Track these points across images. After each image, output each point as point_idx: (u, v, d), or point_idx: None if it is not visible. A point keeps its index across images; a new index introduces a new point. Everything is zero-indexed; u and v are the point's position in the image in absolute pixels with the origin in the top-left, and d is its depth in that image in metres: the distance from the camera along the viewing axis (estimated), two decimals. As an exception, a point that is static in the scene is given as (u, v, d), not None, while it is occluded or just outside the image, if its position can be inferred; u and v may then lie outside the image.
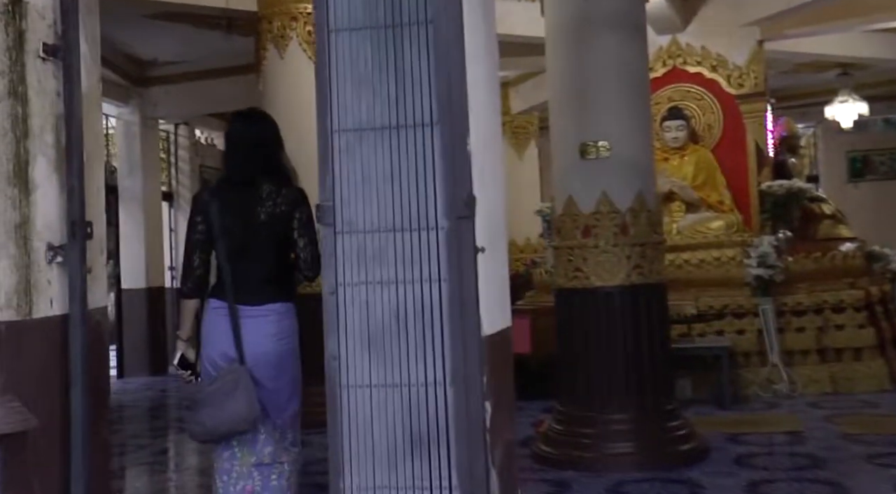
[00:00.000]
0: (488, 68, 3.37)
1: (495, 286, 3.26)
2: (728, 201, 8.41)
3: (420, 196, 3.04)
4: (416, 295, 3.02)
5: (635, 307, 5.49)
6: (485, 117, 3.27)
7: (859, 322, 7.58)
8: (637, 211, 5.53)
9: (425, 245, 3.03)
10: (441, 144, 3.02)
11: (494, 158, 3.37)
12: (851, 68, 12.20)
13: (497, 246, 3.31)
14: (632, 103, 5.64)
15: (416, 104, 3.06)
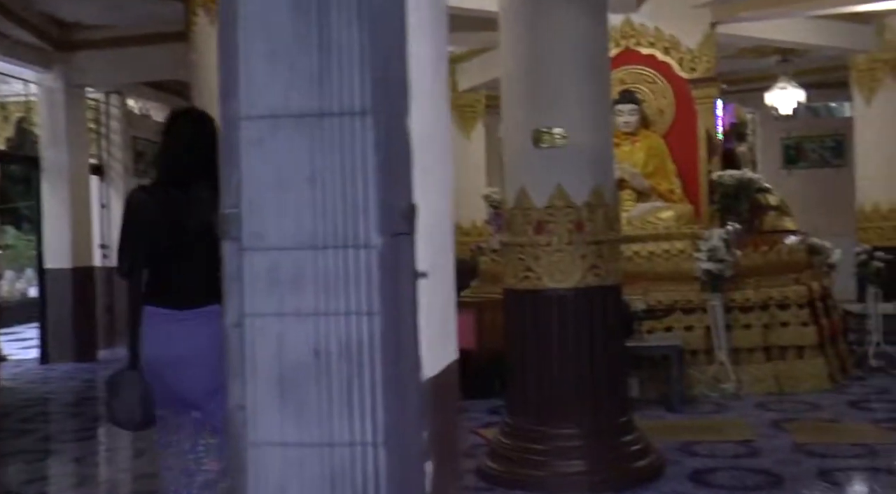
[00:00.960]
0: (436, 45, 2.59)
1: (440, 316, 2.51)
2: (679, 191, 7.78)
3: (348, 204, 2.25)
4: (342, 331, 2.26)
5: (590, 311, 4.81)
6: (431, 105, 2.50)
7: (803, 319, 7.04)
8: (594, 206, 4.82)
9: (353, 267, 2.25)
10: (375, 138, 2.24)
11: (442, 156, 2.60)
12: (791, 55, 11.68)
13: (443, 266, 2.55)
14: (591, 87, 4.91)
15: (344, 86, 2.27)
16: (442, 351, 2.57)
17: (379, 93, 2.24)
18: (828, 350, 7.26)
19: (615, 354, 4.91)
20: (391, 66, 2.26)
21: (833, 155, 14.43)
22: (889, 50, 10.12)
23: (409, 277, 2.25)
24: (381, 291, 2.22)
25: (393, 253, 2.23)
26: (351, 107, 2.26)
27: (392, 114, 2.26)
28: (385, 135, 2.24)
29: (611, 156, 5.07)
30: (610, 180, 4.98)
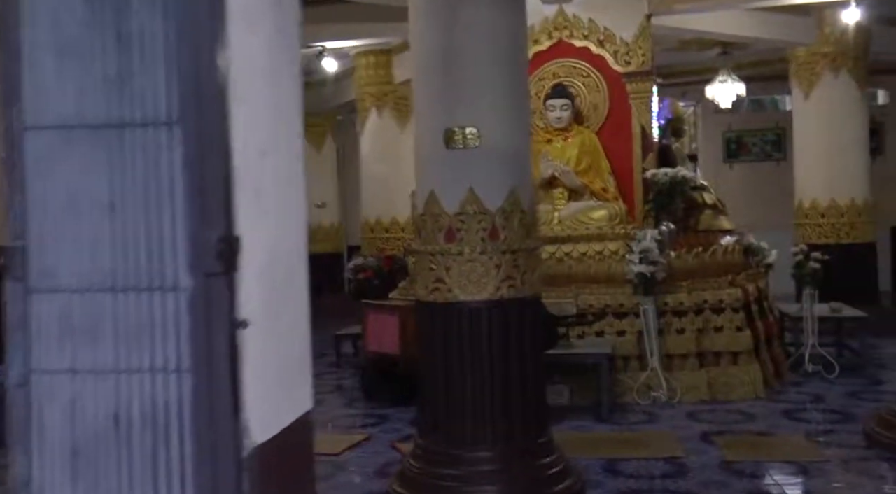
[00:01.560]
0: (278, 37, 2.14)
1: (280, 366, 2.08)
2: (612, 189, 7.43)
3: (152, 237, 1.82)
4: (146, 392, 1.82)
5: (506, 326, 4.41)
6: (268, 111, 2.06)
7: (737, 323, 6.74)
8: (509, 212, 4.42)
9: (159, 314, 1.82)
10: (185, 155, 1.80)
11: (287, 174, 2.16)
12: (731, 47, 11.41)
13: (286, 307, 2.12)
14: (507, 83, 4.50)
15: (147, 90, 1.83)
16: (285, 406, 2.14)
17: (190, 99, 1.81)
18: (763, 354, 6.98)
19: (534, 371, 4.52)
20: (205, 63, 1.82)
21: (774, 148, 14.26)
22: (827, 43, 9.89)
23: (226, 326, 1.82)
24: (193, 344, 1.80)
25: (206, 298, 1.80)
26: (156, 116, 1.82)
27: (207, 123, 1.82)
28: (198, 151, 1.81)
29: (528, 157, 4.66)
30: (527, 183, 4.58)
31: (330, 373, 8.54)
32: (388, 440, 5.82)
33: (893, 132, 13.92)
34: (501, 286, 4.38)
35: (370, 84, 11.34)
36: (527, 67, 4.77)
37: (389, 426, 6.22)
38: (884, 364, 7.84)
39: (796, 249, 7.58)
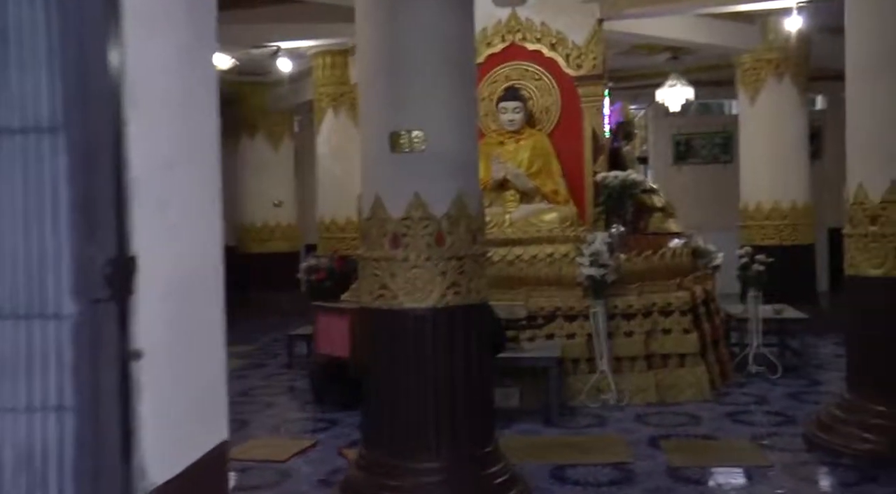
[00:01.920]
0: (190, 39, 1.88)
1: (187, 399, 1.82)
2: (564, 191, 7.24)
3: (32, 257, 1.56)
4: (21, 434, 1.56)
5: (451, 333, 4.18)
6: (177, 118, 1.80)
7: (685, 326, 6.59)
8: (455, 217, 4.19)
9: (39, 345, 1.56)
10: (70, 165, 1.54)
11: (198, 184, 1.90)
12: (680, 53, 11.32)
13: (197, 330, 1.86)
14: (454, 86, 4.26)
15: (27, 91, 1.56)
16: (194, 440, 1.88)
17: (76, 102, 1.54)
18: (709, 356, 6.85)
19: (481, 379, 4.30)
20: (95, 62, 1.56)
21: (721, 151, 14.23)
22: (772, 49, 9.83)
23: (116, 358, 1.56)
24: (76, 378, 1.53)
25: (93, 326, 1.53)
26: (36, 121, 1.56)
27: (96, 130, 1.56)
28: (84, 161, 1.54)
29: (476, 161, 4.43)
30: (474, 188, 4.35)
31: (282, 375, 8.26)
32: (336, 445, 5.56)
33: (831, 137, 13.95)
34: (447, 293, 4.15)
35: (327, 84, 11.04)
36: (474, 70, 4.54)
37: (338, 431, 5.97)
38: (822, 364, 7.77)
39: (742, 252, 7.46)
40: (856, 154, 5.00)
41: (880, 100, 4.77)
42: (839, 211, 13.71)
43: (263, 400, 7.12)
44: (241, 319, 12.89)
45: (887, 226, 4.72)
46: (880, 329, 4.83)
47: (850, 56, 5.00)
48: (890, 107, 4.73)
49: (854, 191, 4.94)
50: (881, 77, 4.75)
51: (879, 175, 4.78)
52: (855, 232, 4.93)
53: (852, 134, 5.02)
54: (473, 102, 4.47)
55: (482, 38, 7.58)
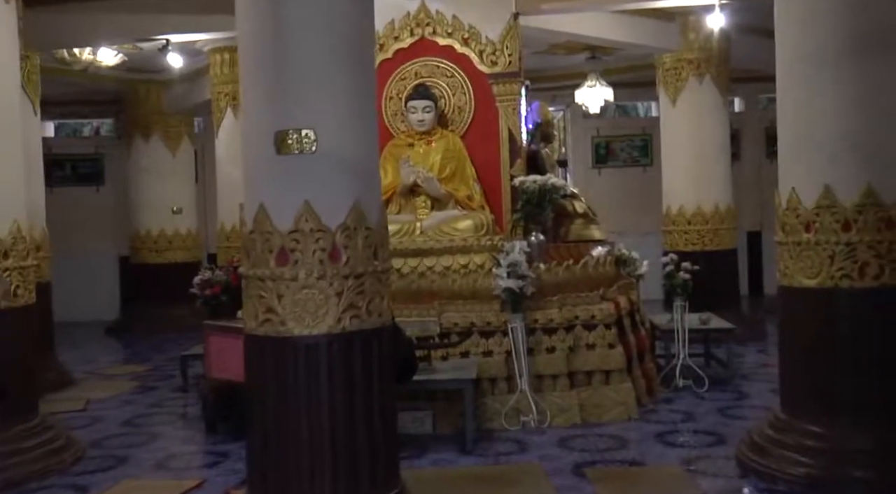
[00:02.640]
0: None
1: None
2: (478, 197, 6.83)
3: None
4: None
5: (349, 363, 3.70)
6: None
7: (609, 340, 6.25)
8: (353, 229, 3.72)
9: None
10: None
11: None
12: (599, 52, 11.10)
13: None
14: (350, 80, 3.80)
15: None
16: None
17: None
18: (635, 370, 6.53)
19: (383, 415, 3.84)
20: None
21: (641, 154, 14.13)
22: (692, 49, 9.67)
23: None
24: None
25: None
26: None
27: None
28: None
29: (376, 164, 3.97)
30: (375, 194, 3.89)
31: (174, 400, 7.61)
32: (224, 485, 5.00)
33: (749, 139, 14.03)
34: (343, 317, 3.67)
35: (225, 82, 10.39)
36: (374, 63, 4.08)
37: (230, 465, 5.40)
38: (748, 374, 7.57)
39: (666, 259, 7.19)
40: (787, 157, 4.73)
41: (813, 99, 4.51)
42: (758, 214, 13.96)
43: (149, 431, 6.48)
44: (136, 336, 12.14)
45: (822, 233, 4.46)
46: (815, 343, 4.57)
47: (781, 52, 4.74)
48: (823, 106, 4.47)
49: (786, 196, 4.67)
50: (814, 74, 4.49)
51: (812, 179, 4.52)
52: (788, 240, 4.66)
53: (784, 135, 4.75)
54: (372, 98, 4.00)
55: (389, 31, 7.13)
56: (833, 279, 4.43)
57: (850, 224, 4.38)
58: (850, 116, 4.38)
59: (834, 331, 4.47)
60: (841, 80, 4.39)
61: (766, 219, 13.62)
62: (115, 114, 13.73)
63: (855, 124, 4.37)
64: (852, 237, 4.37)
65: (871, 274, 4.34)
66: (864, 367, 4.39)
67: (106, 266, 13.90)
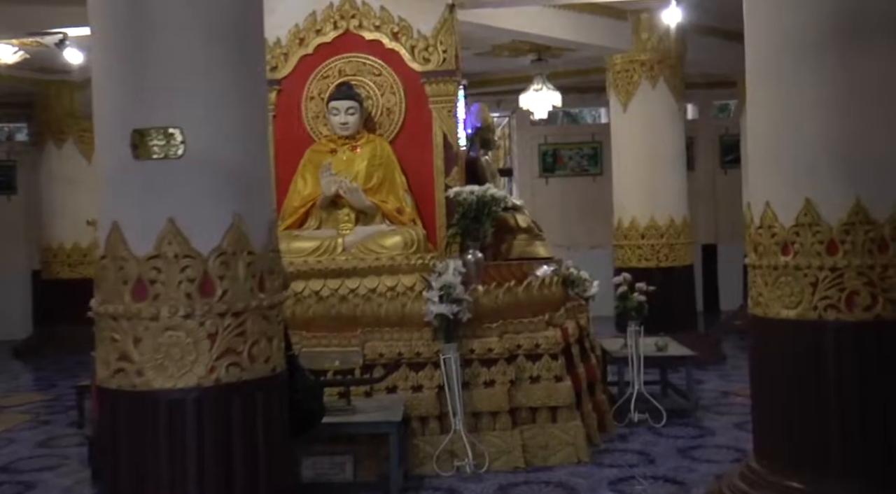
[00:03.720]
0: None
1: None
2: (409, 210, 6.09)
3: None
4: None
5: (224, 424, 2.92)
6: None
7: (556, 372, 5.54)
8: (231, 254, 2.95)
9: None
10: None
11: None
12: (546, 54, 10.47)
13: None
14: (231, 68, 3.04)
15: None
16: None
17: None
18: (585, 405, 5.85)
19: (272, 482, 3.05)
20: None
21: (590, 163, 13.55)
22: (645, 50, 9.07)
23: None
24: None
25: None
26: None
27: None
28: None
29: (265, 170, 3.20)
30: (261, 212, 3.13)
31: (67, 437, 6.72)
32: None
33: (703, 148, 13.55)
34: (218, 365, 2.90)
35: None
36: (262, 47, 3.31)
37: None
38: (710, 405, 6.93)
39: (619, 279, 6.53)
40: (760, 167, 4.09)
41: (790, 96, 3.87)
42: (713, 226, 13.46)
43: (25, 479, 5.60)
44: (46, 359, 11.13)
45: (802, 256, 3.81)
46: (795, 384, 3.91)
47: (752, 41, 4.09)
48: (802, 104, 3.83)
49: (759, 211, 4.01)
50: (791, 67, 3.85)
51: (790, 192, 3.87)
52: (762, 263, 4.00)
53: (756, 143, 4.11)
54: (261, 93, 3.24)
55: (311, 24, 6.37)
56: (816, 310, 3.78)
57: (837, 245, 3.74)
58: (834, 117, 3.75)
59: (818, 371, 3.82)
60: (824, 72, 3.76)
61: (722, 231, 13.16)
62: (28, 119, 12.72)
63: (841, 126, 3.74)
64: (839, 261, 3.72)
65: (861, 305, 3.70)
66: (854, 413, 3.74)
67: (17, 281, 12.88)
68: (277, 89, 6.37)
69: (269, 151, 3.23)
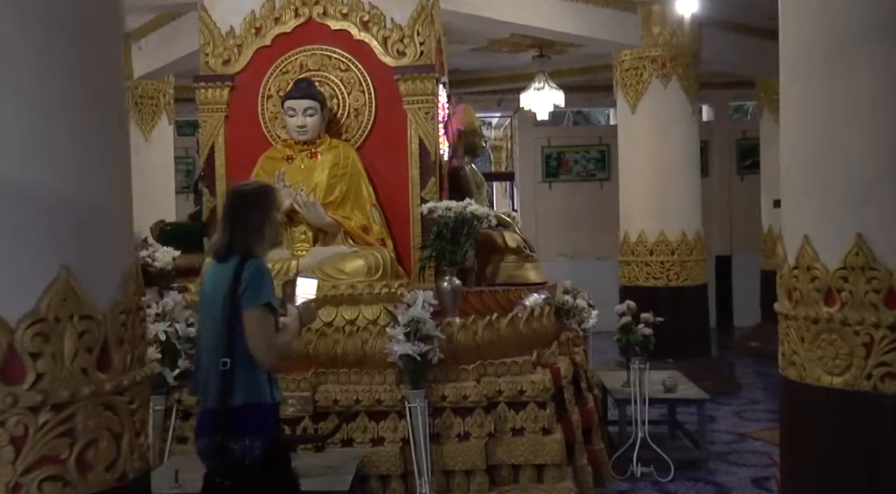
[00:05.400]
0: None
1: None
2: (378, 228, 5.20)
3: None
4: None
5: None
6: None
7: (544, 423, 4.63)
8: (54, 322, 2.06)
9: None
10: None
11: None
12: (549, 50, 9.56)
13: None
14: (62, 65, 2.14)
15: None
16: None
17: None
18: (578, 458, 4.96)
19: None
20: None
21: (597, 167, 12.63)
22: (656, 45, 8.16)
23: None
24: None
25: None
26: None
27: None
28: None
29: (120, 209, 2.31)
30: (115, 260, 2.24)
31: None
32: None
33: (718, 152, 12.61)
34: (26, 481, 2.01)
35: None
36: (117, 40, 2.42)
37: None
38: (725, 453, 6.02)
39: (622, 308, 5.62)
40: (796, 190, 3.17)
41: (839, 108, 2.96)
42: (728, 237, 12.50)
43: None
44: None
45: (853, 307, 2.90)
46: (841, 467, 3.01)
47: (791, 42, 3.18)
48: (856, 117, 2.92)
49: (795, 248, 3.10)
50: (843, 73, 2.93)
51: (837, 225, 2.96)
52: (797, 313, 3.09)
53: (791, 161, 3.19)
54: (115, 99, 2.34)
55: (268, 12, 5.50)
56: (871, 379, 2.87)
57: (899, 296, 2.83)
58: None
59: (871, 456, 2.92)
60: (887, 71, 2.84)
61: (737, 242, 12.22)
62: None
63: (906, 142, 2.83)
64: (902, 317, 2.81)
65: (930, 376, 2.79)
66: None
67: None
68: (230, 86, 5.52)
69: (126, 178, 2.33)
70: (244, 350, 3.11)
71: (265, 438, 3.16)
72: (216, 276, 3.26)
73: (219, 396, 3.10)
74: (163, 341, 4.59)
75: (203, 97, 5.56)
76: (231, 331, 3.11)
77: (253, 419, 3.14)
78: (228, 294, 3.12)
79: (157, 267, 5.13)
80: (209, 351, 3.20)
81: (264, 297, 3.16)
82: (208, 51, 5.57)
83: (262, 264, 3.24)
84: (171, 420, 4.55)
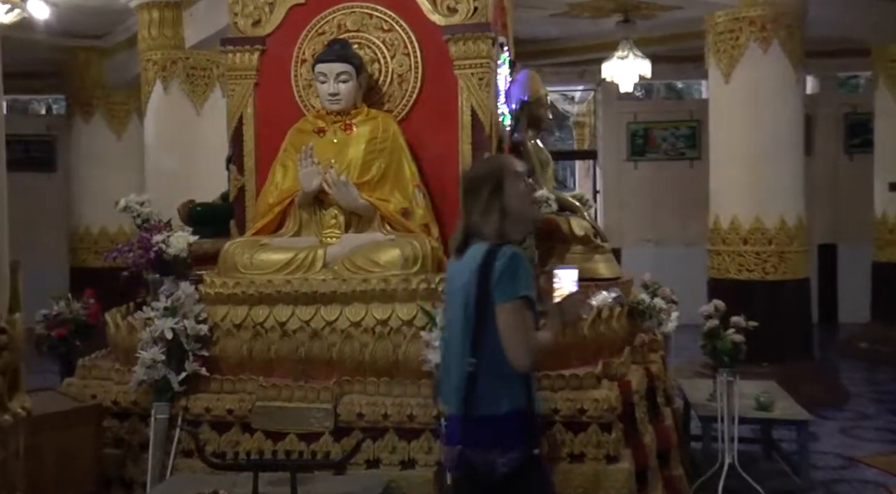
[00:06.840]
0: None
1: None
2: (421, 212, 4.49)
3: None
4: None
5: None
6: None
7: (609, 449, 3.87)
8: None
9: None
10: None
11: None
12: (634, 14, 8.68)
13: None
14: None
15: None
16: None
17: None
18: (653, 485, 4.20)
19: None
20: None
21: (688, 145, 11.65)
22: (755, 4, 7.18)
23: None
24: None
25: None
26: None
27: None
28: None
29: None
30: None
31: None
32: None
33: (824, 128, 11.45)
34: None
35: (153, 48, 8.37)
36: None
37: None
38: (829, 481, 5.15)
39: (709, 309, 4.78)
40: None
41: None
42: (833, 223, 11.34)
43: None
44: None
45: None
46: None
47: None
48: None
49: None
50: None
51: None
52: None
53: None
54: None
55: (298, -37, 4.85)
56: None
57: None
58: None
59: None
60: None
61: (844, 229, 11.07)
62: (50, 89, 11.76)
63: None
64: None
65: None
66: None
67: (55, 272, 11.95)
68: (260, 49, 4.91)
69: None
70: (494, 349, 2.77)
71: (519, 451, 2.83)
72: (457, 272, 2.96)
73: (462, 402, 2.83)
74: (169, 340, 4.05)
75: (231, 62, 4.98)
76: (482, 328, 2.79)
77: (506, 428, 2.82)
78: (474, 285, 2.79)
79: (172, 254, 4.59)
80: (452, 353, 2.95)
81: (522, 289, 2.77)
82: (237, 9, 4.96)
83: (517, 252, 2.86)
84: (175, 431, 4.01)
